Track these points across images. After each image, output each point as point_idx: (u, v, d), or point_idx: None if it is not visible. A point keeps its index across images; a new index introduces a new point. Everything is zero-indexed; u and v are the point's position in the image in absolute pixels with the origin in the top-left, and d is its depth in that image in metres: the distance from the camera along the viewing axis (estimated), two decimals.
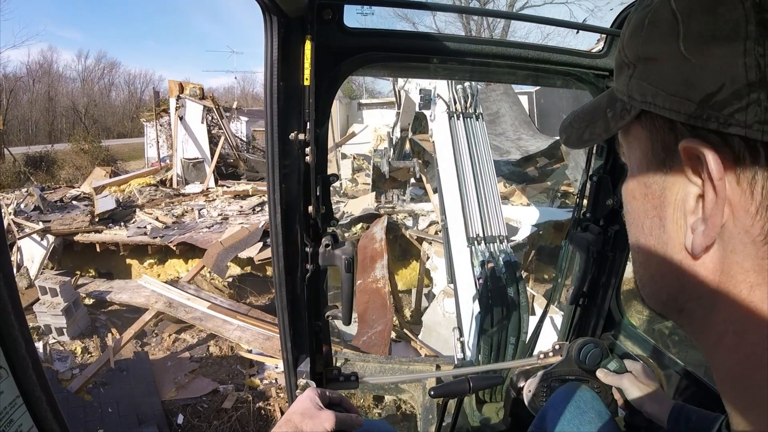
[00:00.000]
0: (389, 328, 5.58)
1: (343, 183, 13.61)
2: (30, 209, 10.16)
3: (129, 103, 43.10)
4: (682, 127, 0.51)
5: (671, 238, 0.56)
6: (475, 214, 3.60)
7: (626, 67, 0.58)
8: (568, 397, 1.68)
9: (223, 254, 7.84)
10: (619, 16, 1.72)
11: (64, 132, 31.17)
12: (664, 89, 0.51)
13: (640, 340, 2.01)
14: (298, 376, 1.62)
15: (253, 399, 5.35)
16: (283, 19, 1.25)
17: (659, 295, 0.62)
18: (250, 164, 16.06)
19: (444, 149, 4.11)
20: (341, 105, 21.37)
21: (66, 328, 6.74)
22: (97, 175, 14.79)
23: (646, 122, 0.57)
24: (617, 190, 1.85)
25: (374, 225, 8.13)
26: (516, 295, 3.03)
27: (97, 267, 9.30)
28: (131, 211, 10.47)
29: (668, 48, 0.50)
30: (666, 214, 0.56)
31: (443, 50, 1.56)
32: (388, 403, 5.05)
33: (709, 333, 0.55)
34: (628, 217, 0.65)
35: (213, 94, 16.15)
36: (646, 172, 0.59)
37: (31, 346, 0.66)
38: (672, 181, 0.55)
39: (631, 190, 0.63)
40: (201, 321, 6.71)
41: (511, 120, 15.66)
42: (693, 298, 0.56)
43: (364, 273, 6.44)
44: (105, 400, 5.34)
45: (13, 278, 0.64)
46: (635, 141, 0.60)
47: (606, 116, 0.63)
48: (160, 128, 16.90)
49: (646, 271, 0.63)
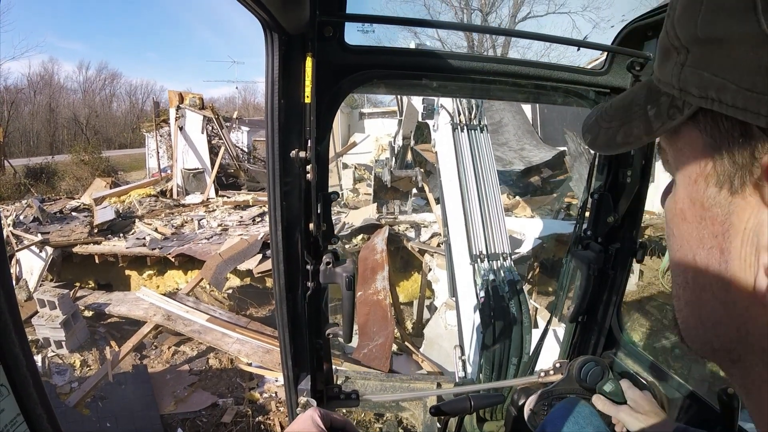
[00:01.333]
0: (390, 340, 5.54)
1: (345, 193, 13.58)
2: (29, 221, 10.16)
3: (130, 113, 43.52)
4: (761, 134, 0.40)
5: (735, 276, 0.44)
6: (478, 230, 3.56)
7: (675, 51, 0.45)
8: (567, 412, 1.66)
9: (221, 266, 7.81)
10: (620, 33, 1.73)
11: (65, 143, 31.50)
12: (735, 81, 0.39)
13: (641, 358, 1.99)
14: (299, 394, 1.61)
15: (252, 413, 5.32)
16: (284, 37, 1.26)
17: (710, 343, 0.50)
18: (251, 174, 16.07)
19: (447, 162, 4.06)
20: (342, 114, 21.39)
21: (65, 341, 6.73)
22: (97, 186, 14.85)
23: (706, 124, 0.45)
24: (618, 208, 1.85)
25: (375, 236, 8.07)
26: (518, 314, 3.02)
27: (97, 279, 9.30)
28: (130, 222, 10.48)
29: (742, 25, 0.38)
30: (731, 247, 0.44)
31: (444, 68, 1.57)
32: (390, 419, 5.01)
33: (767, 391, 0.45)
34: (674, 243, 0.52)
35: (213, 104, 16.22)
36: (705, 190, 0.46)
37: (31, 363, 0.66)
38: (741, 205, 0.43)
39: (680, 210, 0.50)
40: (200, 334, 6.68)
41: (514, 130, 15.43)
42: (756, 351, 0.45)
43: (365, 284, 6.38)
44: (103, 415, 5.33)
45: (14, 295, 0.64)
46: (688, 148, 0.48)
47: (646, 114, 0.50)
48: (160, 139, 16.95)
49: (693, 313, 0.51)
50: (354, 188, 14.40)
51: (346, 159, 16.45)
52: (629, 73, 1.68)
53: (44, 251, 8.80)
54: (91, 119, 37.87)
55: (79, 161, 22.48)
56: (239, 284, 8.76)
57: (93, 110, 40.02)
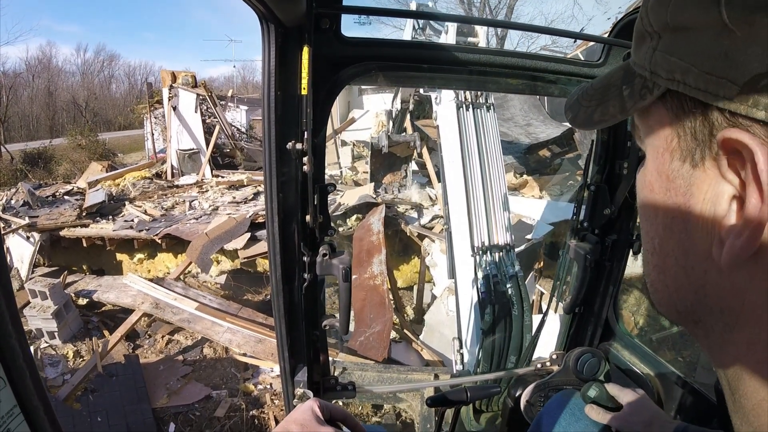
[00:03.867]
0: (389, 329, 5.33)
1: (343, 171, 13.19)
2: (19, 205, 10.00)
3: (129, 95, 43.26)
4: (719, 114, 0.43)
5: (695, 244, 0.48)
6: (481, 220, 3.44)
7: (649, 37, 0.50)
8: (563, 404, 1.67)
9: (208, 246, 7.55)
10: (616, 25, 1.73)
11: (65, 126, 31.24)
12: (698, 66, 0.43)
13: (637, 350, 2.01)
14: (295, 386, 1.61)
15: (246, 406, 5.29)
16: (281, 29, 1.25)
17: (674, 305, 0.54)
18: (247, 153, 15.67)
19: (449, 143, 3.87)
20: (342, 91, 20.73)
21: (57, 332, 6.66)
22: (93, 170, 14.50)
23: (672, 104, 0.48)
24: (614, 199, 1.85)
25: (371, 215, 7.57)
26: (519, 311, 3.01)
27: (89, 264, 9.11)
28: (120, 205, 10.21)
29: (706, 15, 0.42)
30: (691, 216, 0.48)
31: (440, 59, 1.57)
32: (388, 411, 5.01)
33: (726, 350, 0.49)
34: (643, 212, 0.56)
35: (205, 81, 15.70)
36: (670, 163, 0.50)
37: (28, 355, 0.66)
38: (701, 177, 0.46)
39: (649, 182, 0.54)
40: (189, 323, 6.55)
41: (520, 104, 14.49)
42: (714, 313, 0.49)
43: (360, 268, 6.02)
44: (94, 409, 5.24)
45: (11, 287, 0.64)
46: (657, 125, 0.51)
47: (621, 94, 0.55)
48: (155, 121, 16.44)
49: (659, 277, 0.55)
50: (353, 166, 13.88)
51: (344, 136, 15.79)
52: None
53: (32, 237, 8.62)
54: (90, 101, 37.63)
55: (75, 146, 22.17)
56: (231, 267, 8.51)
57: (92, 92, 39.79)
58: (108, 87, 44.38)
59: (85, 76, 42.84)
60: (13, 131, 29.97)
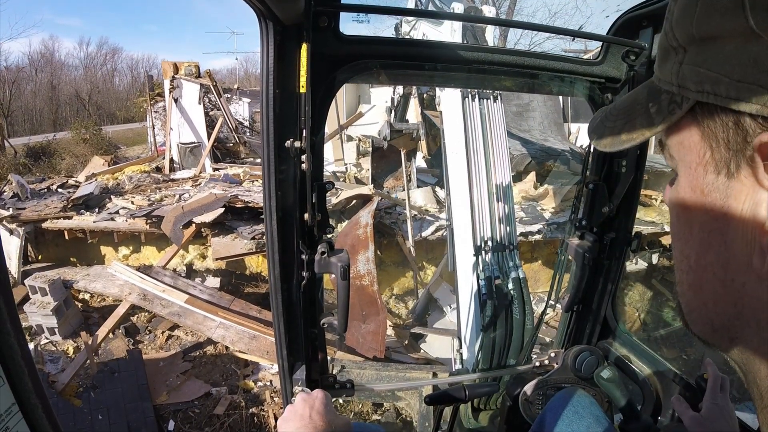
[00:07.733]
0: (383, 329, 5.24)
1: (347, 168, 12.87)
2: (9, 197, 9.77)
3: (133, 87, 42.96)
4: (752, 120, 0.43)
5: (734, 255, 0.47)
6: (485, 217, 3.36)
7: (674, 51, 0.49)
8: (566, 401, 1.67)
9: (179, 217, 7.24)
10: (615, 23, 1.73)
11: (68, 120, 31.08)
12: (727, 74, 0.43)
13: (635, 348, 2.01)
14: (294, 384, 1.61)
15: (246, 404, 5.27)
16: (279, 27, 1.25)
17: (710, 322, 0.53)
18: (251, 147, 15.18)
19: (453, 133, 3.72)
20: (349, 84, 20.09)
21: (57, 328, 6.64)
22: (95, 164, 14.22)
23: (703, 116, 0.47)
24: (612, 198, 1.85)
25: (362, 209, 6.93)
26: (520, 313, 2.98)
27: (77, 258, 8.82)
28: (106, 197, 9.86)
29: (732, 23, 0.42)
30: (730, 227, 0.47)
31: (439, 57, 1.57)
32: (388, 409, 5.00)
33: (764, 364, 0.48)
34: (678, 231, 0.55)
35: (209, 71, 14.85)
36: (704, 177, 0.49)
37: (27, 353, 0.66)
38: (738, 187, 0.45)
39: (682, 200, 0.52)
40: (179, 317, 6.29)
41: (540, 118, 13.48)
42: (751, 325, 0.48)
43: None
44: (95, 406, 5.17)
45: (9, 286, 0.64)
46: (687, 140, 0.50)
47: (648, 111, 0.54)
48: (155, 115, 16.04)
49: (696, 295, 0.53)
50: (357, 162, 13.59)
51: (350, 131, 15.32)
52: (624, 62, 1.68)
53: (15, 231, 8.28)
54: (93, 95, 37.52)
55: (79, 140, 21.98)
56: (215, 267, 8.10)
57: (95, 86, 39.61)
58: (111, 80, 44.15)
59: (88, 70, 42.64)
60: (17, 125, 29.81)
